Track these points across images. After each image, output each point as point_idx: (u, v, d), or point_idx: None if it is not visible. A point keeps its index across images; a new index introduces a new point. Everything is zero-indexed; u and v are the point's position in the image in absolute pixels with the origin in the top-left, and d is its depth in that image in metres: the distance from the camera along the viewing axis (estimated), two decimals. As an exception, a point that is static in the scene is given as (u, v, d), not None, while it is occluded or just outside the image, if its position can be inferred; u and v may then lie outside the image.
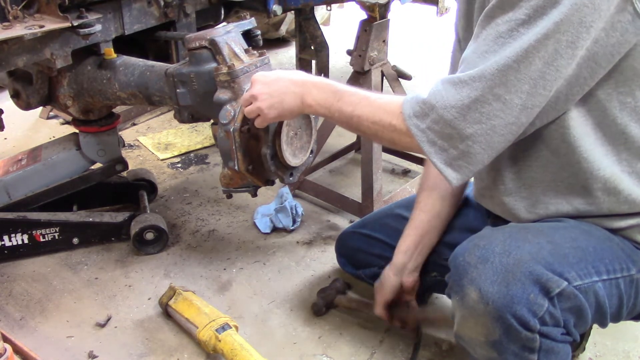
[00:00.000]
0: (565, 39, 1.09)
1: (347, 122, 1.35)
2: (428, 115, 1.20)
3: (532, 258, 1.18)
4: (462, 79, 1.16)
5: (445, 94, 1.18)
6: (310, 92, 1.38)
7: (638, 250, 1.30)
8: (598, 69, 1.15)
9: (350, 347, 1.75)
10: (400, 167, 2.72)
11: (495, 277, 1.17)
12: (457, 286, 1.24)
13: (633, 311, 1.34)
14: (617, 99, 1.20)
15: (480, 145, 1.17)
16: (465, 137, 1.16)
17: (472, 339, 1.26)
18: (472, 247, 1.24)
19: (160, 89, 1.85)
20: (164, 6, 2.05)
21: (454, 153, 1.19)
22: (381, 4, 2.12)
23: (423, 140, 1.21)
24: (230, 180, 1.74)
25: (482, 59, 1.15)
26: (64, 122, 3.15)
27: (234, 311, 1.88)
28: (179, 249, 2.19)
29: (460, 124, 1.16)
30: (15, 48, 1.69)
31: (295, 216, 2.28)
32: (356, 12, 2.42)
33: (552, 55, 1.10)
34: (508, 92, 1.12)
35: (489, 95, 1.13)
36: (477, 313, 1.20)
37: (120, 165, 2.22)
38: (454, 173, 1.21)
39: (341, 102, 1.34)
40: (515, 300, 1.15)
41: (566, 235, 1.26)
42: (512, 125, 1.15)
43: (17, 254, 2.08)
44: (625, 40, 1.12)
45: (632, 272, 1.27)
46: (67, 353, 1.73)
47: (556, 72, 1.12)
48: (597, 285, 1.21)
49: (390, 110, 1.26)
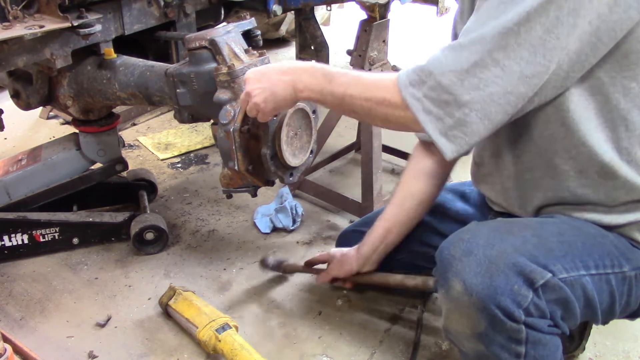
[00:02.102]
0: (567, 6, 1.07)
1: (340, 104, 1.33)
2: (425, 82, 1.17)
3: (515, 250, 1.18)
4: (462, 43, 1.15)
5: (444, 59, 1.16)
6: (301, 79, 1.37)
7: (635, 248, 1.30)
8: (600, 45, 1.13)
9: (350, 347, 1.75)
10: (400, 167, 2.72)
11: (479, 269, 1.18)
12: (443, 279, 1.24)
13: (627, 309, 1.33)
14: (621, 84, 1.18)
15: (477, 113, 1.14)
16: (462, 104, 1.14)
17: (459, 332, 1.26)
18: (456, 241, 1.25)
19: (160, 89, 1.85)
20: (164, 6, 2.05)
21: (449, 122, 1.16)
22: (381, 4, 2.12)
23: (418, 109, 1.18)
24: (230, 180, 1.74)
25: (483, 25, 1.14)
26: (64, 122, 3.15)
27: (234, 311, 1.88)
28: (179, 249, 2.19)
29: (457, 90, 1.14)
30: (15, 48, 1.69)
31: (295, 216, 2.28)
32: (356, 12, 2.42)
33: (553, 22, 1.08)
34: (507, 57, 1.11)
35: (488, 59, 1.12)
36: (462, 305, 1.20)
37: (120, 165, 2.22)
38: (448, 143, 1.18)
39: (333, 84, 1.32)
40: (498, 291, 1.15)
41: (554, 230, 1.26)
42: (510, 95, 1.13)
43: (17, 254, 2.08)
44: (628, 17, 1.11)
45: (625, 269, 1.27)
46: (67, 353, 1.73)
47: (556, 41, 1.10)
48: (584, 279, 1.21)
49: (384, 85, 1.25)
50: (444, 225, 1.69)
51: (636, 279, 1.29)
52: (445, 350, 1.73)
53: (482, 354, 1.26)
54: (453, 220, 1.69)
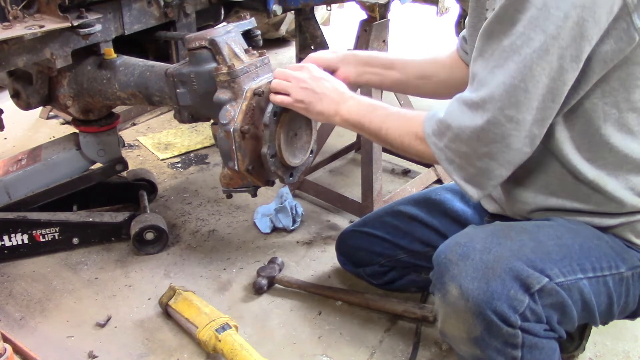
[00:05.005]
0: (570, 54, 1.10)
1: (376, 135, 1.39)
2: (445, 134, 1.22)
3: (512, 255, 1.19)
4: (475, 101, 1.18)
5: (460, 115, 1.20)
6: (347, 103, 1.43)
7: (630, 248, 1.30)
8: (591, 75, 1.16)
9: (350, 347, 1.75)
10: (400, 167, 2.72)
11: (476, 273, 1.18)
12: (439, 283, 1.25)
13: (626, 309, 1.34)
14: (602, 110, 1.21)
15: (497, 161, 1.18)
16: (481, 155, 1.18)
17: (455, 336, 1.27)
18: (453, 245, 1.25)
19: (160, 89, 1.85)
20: (164, 6, 2.05)
21: (472, 171, 1.21)
22: (381, 4, 2.12)
23: (442, 158, 1.24)
24: (230, 180, 1.74)
25: (492, 73, 1.16)
26: (64, 122, 3.15)
27: (234, 311, 1.88)
28: (179, 249, 2.19)
29: (475, 144, 1.18)
30: (15, 48, 1.69)
31: (295, 216, 2.28)
32: (356, 12, 2.42)
33: (558, 70, 1.11)
34: (519, 112, 1.14)
35: (501, 117, 1.15)
36: (458, 309, 1.21)
37: (120, 165, 2.22)
38: (473, 189, 1.23)
39: (372, 115, 1.39)
40: (495, 296, 1.16)
41: (551, 234, 1.26)
42: (526, 139, 1.17)
43: (17, 254, 2.08)
44: (619, 49, 1.13)
45: (622, 270, 1.27)
46: (67, 353, 1.73)
47: (564, 86, 1.13)
48: (581, 283, 1.22)
49: (416, 124, 1.30)
50: (444, 225, 1.69)
51: (633, 279, 1.29)
52: (445, 351, 1.73)
53: (478, 357, 1.26)
54: (453, 221, 1.69)
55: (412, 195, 1.87)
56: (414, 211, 1.77)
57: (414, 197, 1.84)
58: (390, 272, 1.84)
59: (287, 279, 1.95)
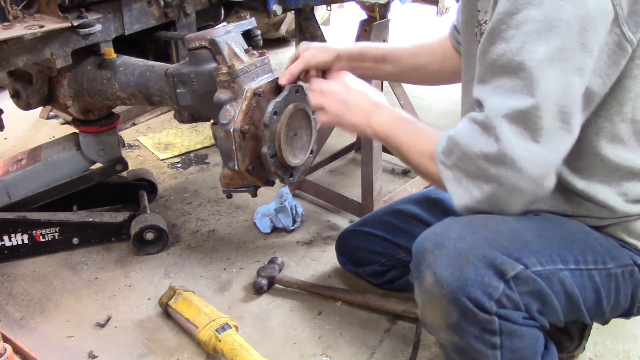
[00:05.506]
0: (572, 66, 1.09)
1: (399, 151, 1.37)
2: (453, 152, 1.20)
3: (486, 243, 1.19)
4: (485, 123, 1.14)
5: (472, 136, 1.17)
6: (378, 115, 1.40)
7: (623, 247, 1.30)
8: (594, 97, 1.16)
9: (350, 347, 1.75)
10: (400, 167, 2.72)
11: (450, 261, 1.19)
12: (416, 272, 1.26)
13: (617, 307, 1.33)
14: (595, 123, 1.21)
15: (504, 187, 1.15)
16: (489, 179, 1.15)
17: (434, 323, 1.27)
18: (430, 234, 1.26)
19: (160, 89, 1.85)
20: (164, 6, 2.05)
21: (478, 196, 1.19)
22: (381, 4, 2.12)
23: (448, 177, 1.21)
24: (230, 180, 1.74)
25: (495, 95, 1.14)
26: (64, 122, 3.15)
27: (234, 311, 1.88)
28: (179, 249, 2.19)
29: (484, 165, 1.15)
30: (15, 48, 1.69)
31: (295, 216, 2.28)
32: (356, 12, 2.42)
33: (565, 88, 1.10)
34: (529, 139, 1.11)
35: None
36: (434, 297, 1.21)
37: (120, 165, 2.22)
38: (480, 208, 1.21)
39: (397, 128, 1.36)
40: (468, 282, 1.16)
41: (532, 225, 1.26)
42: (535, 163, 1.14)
43: (17, 254, 2.08)
44: (613, 62, 1.13)
45: (610, 266, 1.27)
46: (67, 353, 1.73)
47: (573, 105, 1.12)
48: (562, 274, 1.21)
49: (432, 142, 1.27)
50: None
51: (624, 276, 1.29)
52: (445, 350, 1.73)
53: (458, 344, 1.26)
54: None
55: (412, 195, 1.87)
56: (414, 210, 1.77)
57: (413, 196, 1.85)
58: (390, 272, 1.84)
59: (287, 279, 1.95)
